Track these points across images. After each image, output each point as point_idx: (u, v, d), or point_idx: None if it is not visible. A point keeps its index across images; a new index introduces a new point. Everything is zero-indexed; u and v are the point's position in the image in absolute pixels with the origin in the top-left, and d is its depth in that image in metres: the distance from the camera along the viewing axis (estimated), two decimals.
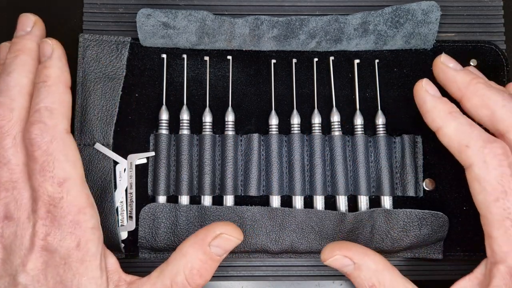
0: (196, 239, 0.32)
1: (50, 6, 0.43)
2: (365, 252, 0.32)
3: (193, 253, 0.31)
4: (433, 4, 0.40)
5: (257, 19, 0.40)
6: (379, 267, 0.31)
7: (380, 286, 0.31)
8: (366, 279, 0.31)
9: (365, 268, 0.31)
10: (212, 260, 0.32)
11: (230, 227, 0.32)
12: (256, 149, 0.39)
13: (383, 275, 0.31)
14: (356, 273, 0.32)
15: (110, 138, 0.39)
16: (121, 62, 0.40)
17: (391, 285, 0.31)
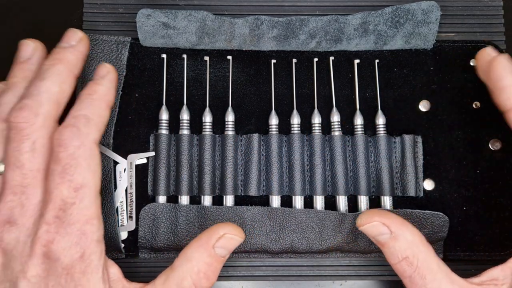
0: (200, 242, 0.32)
1: (50, 6, 0.43)
2: (403, 222, 0.31)
3: (199, 257, 0.31)
4: (433, 4, 0.40)
5: (257, 19, 0.40)
6: (415, 240, 0.31)
7: (414, 259, 0.30)
8: (400, 250, 0.31)
9: (402, 238, 0.31)
10: (217, 262, 0.32)
11: (232, 227, 0.33)
12: (256, 149, 0.39)
13: (419, 248, 0.31)
14: (392, 243, 0.31)
15: (110, 138, 0.39)
16: (121, 62, 0.40)
17: (425, 260, 0.30)
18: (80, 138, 0.30)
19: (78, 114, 0.31)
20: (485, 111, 0.40)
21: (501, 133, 0.40)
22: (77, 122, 0.30)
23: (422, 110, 0.40)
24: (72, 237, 0.29)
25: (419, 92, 0.41)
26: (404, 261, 0.31)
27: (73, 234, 0.29)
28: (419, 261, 0.30)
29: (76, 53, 0.34)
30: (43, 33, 0.42)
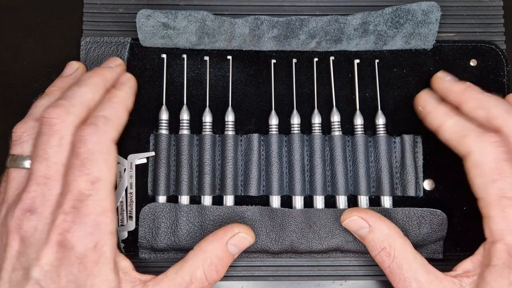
0: (216, 237, 0.34)
1: (50, 6, 0.43)
2: (380, 217, 0.35)
3: (213, 250, 0.34)
4: (433, 4, 0.40)
5: (257, 19, 0.40)
6: (391, 232, 0.34)
7: (391, 249, 0.33)
8: (378, 242, 0.34)
9: (378, 231, 0.34)
10: (228, 257, 0.34)
11: (246, 228, 0.35)
12: (256, 149, 0.39)
13: (395, 240, 0.33)
14: (370, 236, 0.34)
15: None
16: None
17: (401, 250, 0.33)
18: (99, 135, 0.32)
19: (98, 115, 0.33)
20: None
21: None
22: (97, 121, 0.33)
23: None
24: (87, 227, 0.30)
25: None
26: (382, 252, 0.33)
27: (88, 224, 0.31)
28: (396, 251, 0.33)
29: (113, 73, 0.37)
30: (43, 33, 0.42)
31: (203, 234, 0.37)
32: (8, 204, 0.32)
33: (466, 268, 0.33)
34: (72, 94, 0.34)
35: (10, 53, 0.42)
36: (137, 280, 0.33)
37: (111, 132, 0.33)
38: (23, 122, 0.34)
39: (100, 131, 0.32)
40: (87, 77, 0.35)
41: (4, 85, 0.41)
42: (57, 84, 0.37)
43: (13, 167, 0.33)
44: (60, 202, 0.31)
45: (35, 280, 0.30)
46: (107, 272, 0.31)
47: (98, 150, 0.32)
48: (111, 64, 0.38)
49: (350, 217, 0.35)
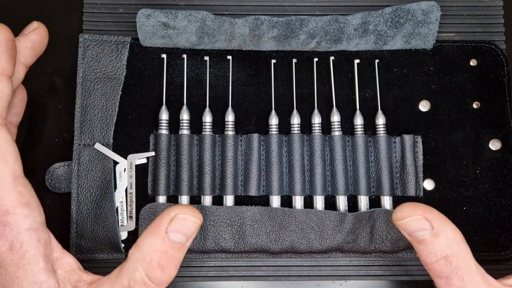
0: (151, 228, 0.29)
1: (50, 6, 0.43)
2: (445, 219, 0.30)
3: (150, 244, 0.28)
4: (433, 4, 0.40)
5: (257, 19, 0.40)
6: (457, 238, 0.29)
7: (453, 258, 0.28)
8: (440, 248, 0.29)
9: (443, 235, 0.29)
10: (173, 249, 0.29)
11: (185, 207, 0.30)
12: (256, 149, 0.39)
13: (459, 247, 0.29)
14: (432, 240, 0.29)
15: (110, 138, 0.39)
16: (121, 62, 0.40)
17: (465, 260, 0.29)
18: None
19: None
20: (485, 111, 0.40)
21: (501, 133, 0.40)
22: None
23: (422, 110, 0.40)
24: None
25: (419, 92, 0.41)
26: (442, 260, 0.29)
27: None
28: (459, 261, 0.28)
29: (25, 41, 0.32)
30: None
31: (203, 234, 0.37)
32: None
33: None
34: None
35: None
36: (81, 281, 0.29)
37: None
38: None
39: None
40: None
41: None
42: None
43: None
44: None
45: None
46: (36, 273, 0.28)
47: None
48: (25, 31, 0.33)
49: (413, 215, 0.30)
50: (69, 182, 0.38)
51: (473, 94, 0.41)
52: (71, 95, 0.40)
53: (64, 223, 0.39)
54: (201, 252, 0.38)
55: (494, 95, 0.41)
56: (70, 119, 0.40)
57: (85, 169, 0.38)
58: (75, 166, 0.38)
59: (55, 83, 0.41)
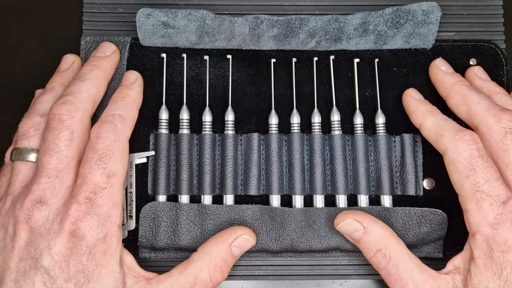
0: (220, 239, 0.35)
1: (50, 6, 0.43)
2: (374, 219, 0.35)
3: (218, 252, 0.35)
4: (433, 4, 0.40)
5: (257, 18, 0.40)
6: (386, 233, 0.34)
7: (387, 250, 0.34)
8: (374, 243, 0.34)
9: (373, 233, 0.34)
10: (231, 259, 0.35)
11: (248, 230, 0.36)
12: (256, 149, 0.39)
13: (390, 241, 0.34)
14: (365, 238, 0.34)
15: None
16: (121, 62, 0.40)
17: (397, 251, 0.34)
18: (117, 133, 0.34)
19: (114, 113, 0.35)
20: None
21: None
22: (114, 119, 0.34)
23: None
24: (99, 218, 0.32)
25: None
26: (378, 253, 0.34)
27: (100, 216, 0.32)
28: (392, 252, 0.33)
29: (111, 62, 0.39)
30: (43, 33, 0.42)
31: (203, 233, 0.37)
32: (13, 196, 0.33)
33: (457, 264, 0.34)
34: (78, 89, 0.35)
35: (10, 53, 0.42)
36: (140, 276, 0.34)
37: (127, 130, 0.35)
38: (29, 118, 0.36)
39: (118, 130, 0.34)
40: (88, 71, 0.37)
41: (4, 85, 0.41)
42: (56, 79, 0.38)
43: (19, 160, 0.34)
44: (73, 193, 0.32)
45: (44, 269, 0.30)
46: (114, 264, 0.32)
47: (115, 147, 0.33)
48: (107, 52, 0.39)
49: (345, 220, 0.35)
50: None
51: None
52: None
53: None
54: None
55: None
56: None
57: None
58: None
59: None
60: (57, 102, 0.34)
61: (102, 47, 0.39)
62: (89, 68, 0.37)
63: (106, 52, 0.39)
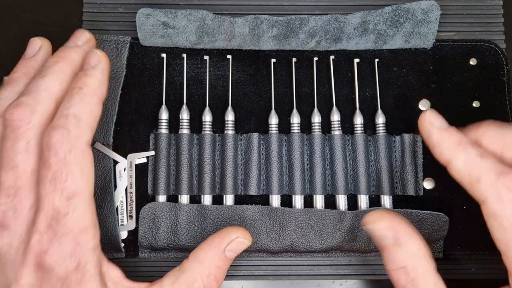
0: (212, 245, 0.32)
1: (50, 6, 0.43)
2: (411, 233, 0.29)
3: (211, 260, 0.31)
4: (433, 3, 0.40)
5: (257, 19, 0.40)
6: (420, 253, 0.29)
7: (413, 271, 0.28)
8: (400, 259, 0.29)
9: (405, 247, 0.29)
10: (226, 264, 0.32)
11: (243, 231, 0.33)
12: (256, 149, 0.39)
13: (421, 261, 0.29)
14: (394, 249, 0.29)
15: (110, 137, 0.39)
16: (121, 61, 0.40)
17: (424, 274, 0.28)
18: (71, 141, 0.28)
19: (67, 113, 0.29)
20: (485, 110, 0.40)
21: None
22: (67, 123, 0.28)
23: (422, 109, 0.40)
24: (66, 247, 0.27)
25: (418, 91, 0.41)
26: (401, 270, 0.29)
27: (67, 245, 0.27)
28: (418, 274, 0.28)
29: (81, 53, 0.32)
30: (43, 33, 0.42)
31: (203, 234, 0.37)
32: None
33: None
34: (36, 87, 0.29)
35: (10, 53, 0.42)
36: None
37: (85, 134, 0.29)
38: None
39: (72, 136, 0.28)
40: (52, 63, 0.31)
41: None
42: (20, 69, 0.33)
43: None
44: (34, 220, 0.28)
45: None
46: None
47: (71, 159, 0.28)
48: (78, 41, 0.33)
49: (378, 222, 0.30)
50: None
51: (472, 93, 0.41)
52: None
53: None
54: None
55: (493, 94, 0.41)
56: None
57: None
58: None
59: None
60: (11, 104, 0.29)
61: (74, 36, 0.33)
62: (53, 60, 0.31)
63: (77, 42, 0.33)
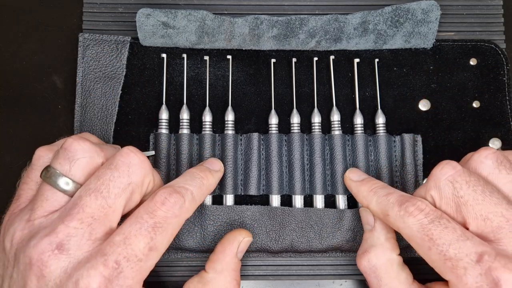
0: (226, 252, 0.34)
1: (50, 6, 0.43)
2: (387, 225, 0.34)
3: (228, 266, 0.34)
4: (433, 3, 0.40)
5: (257, 19, 0.40)
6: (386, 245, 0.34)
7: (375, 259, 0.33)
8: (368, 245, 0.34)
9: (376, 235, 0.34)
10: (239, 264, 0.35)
11: (244, 231, 0.36)
12: (256, 148, 0.39)
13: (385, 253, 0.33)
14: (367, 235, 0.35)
15: (110, 137, 0.39)
16: (121, 61, 0.40)
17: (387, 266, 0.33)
18: (182, 210, 0.30)
19: (188, 188, 0.31)
20: (485, 110, 0.40)
21: (501, 132, 0.40)
22: (186, 195, 0.31)
23: (422, 109, 0.40)
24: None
25: (419, 91, 0.41)
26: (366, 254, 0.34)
27: None
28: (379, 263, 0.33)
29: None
30: (43, 33, 0.42)
31: (203, 234, 0.37)
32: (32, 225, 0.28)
33: None
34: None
35: (10, 53, 0.42)
36: None
37: (190, 212, 0.31)
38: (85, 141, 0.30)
39: (184, 207, 0.30)
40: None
41: (4, 85, 0.41)
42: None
43: (49, 183, 0.29)
44: (104, 250, 0.27)
45: None
46: None
47: (172, 222, 0.29)
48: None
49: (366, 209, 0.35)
50: None
51: (473, 93, 0.41)
52: (71, 95, 0.40)
53: None
54: (201, 251, 0.38)
55: (494, 94, 0.41)
56: (70, 118, 0.40)
57: None
58: None
59: (55, 83, 0.41)
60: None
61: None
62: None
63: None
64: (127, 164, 0.29)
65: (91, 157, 0.30)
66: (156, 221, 0.28)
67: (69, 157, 0.29)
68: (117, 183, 0.29)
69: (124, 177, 0.29)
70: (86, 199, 0.28)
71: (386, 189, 0.33)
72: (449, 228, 0.29)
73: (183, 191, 0.31)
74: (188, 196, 0.31)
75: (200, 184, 0.33)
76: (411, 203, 0.30)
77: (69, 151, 0.29)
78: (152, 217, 0.28)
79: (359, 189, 0.35)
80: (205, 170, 0.34)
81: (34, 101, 0.41)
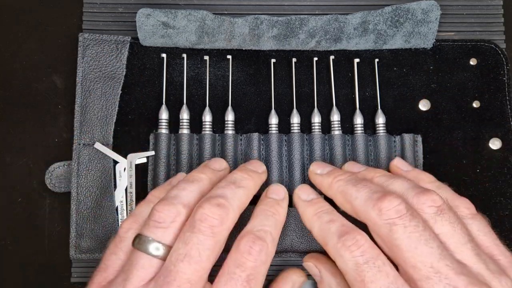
0: None
1: (50, 6, 0.43)
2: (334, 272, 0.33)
3: None
4: (433, 3, 0.40)
5: (257, 19, 0.40)
6: None
7: None
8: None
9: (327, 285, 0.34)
10: None
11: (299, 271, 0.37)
12: (256, 149, 0.39)
13: None
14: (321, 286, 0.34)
15: (110, 137, 0.39)
16: (121, 61, 0.40)
17: None
18: (267, 255, 0.29)
19: (267, 230, 0.31)
20: (485, 110, 0.40)
21: (501, 132, 0.40)
22: (267, 238, 0.30)
23: (422, 109, 0.40)
24: None
25: (419, 91, 0.41)
26: None
27: None
28: None
29: (260, 181, 0.36)
30: (43, 33, 0.42)
31: None
32: None
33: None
34: (232, 195, 0.31)
35: (10, 53, 0.42)
36: None
37: (273, 254, 0.31)
38: (171, 205, 0.30)
39: (269, 252, 0.30)
40: (243, 178, 0.34)
41: (4, 85, 0.41)
42: (206, 172, 0.34)
43: (142, 251, 0.29)
44: None
45: None
46: None
47: (262, 270, 0.29)
48: (258, 169, 0.36)
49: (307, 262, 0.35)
50: (69, 182, 0.38)
51: (473, 93, 0.41)
52: (71, 95, 0.40)
53: (64, 223, 0.39)
54: None
55: (494, 94, 0.41)
56: (70, 118, 0.40)
57: (85, 168, 0.38)
58: (75, 165, 0.38)
59: (55, 83, 0.41)
60: (210, 201, 0.30)
61: (254, 164, 0.37)
62: (244, 175, 0.34)
63: (258, 169, 0.36)
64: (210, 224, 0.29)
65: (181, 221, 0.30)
66: (248, 274, 0.28)
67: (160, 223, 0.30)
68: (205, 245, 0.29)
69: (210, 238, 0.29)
70: (180, 266, 0.28)
71: (331, 215, 0.32)
72: (382, 272, 0.27)
73: (262, 234, 0.30)
74: (268, 238, 0.30)
75: (276, 222, 0.32)
76: (351, 236, 0.29)
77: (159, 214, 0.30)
78: (243, 270, 0.28)
79: (305, 211, 0.34)
80: (273, 204, 0.34)
81: (34, 101, 0.41)
